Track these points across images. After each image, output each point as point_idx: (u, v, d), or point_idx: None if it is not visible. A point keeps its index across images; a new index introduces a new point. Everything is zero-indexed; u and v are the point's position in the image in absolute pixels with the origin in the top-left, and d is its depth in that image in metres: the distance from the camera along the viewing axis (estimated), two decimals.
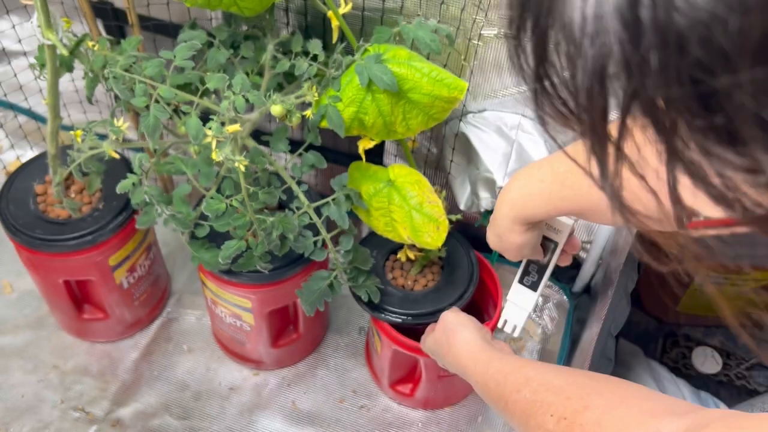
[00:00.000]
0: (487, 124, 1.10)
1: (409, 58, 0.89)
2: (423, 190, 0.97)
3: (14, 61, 1.34)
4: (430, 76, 0.88)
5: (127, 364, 1.30)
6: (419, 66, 0.88)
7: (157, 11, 1.17)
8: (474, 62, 1.04)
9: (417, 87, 0.89)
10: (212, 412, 1.25)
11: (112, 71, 0.92)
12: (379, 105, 0.90)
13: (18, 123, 1.45)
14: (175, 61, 0.92)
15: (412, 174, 0.99)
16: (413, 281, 1.14)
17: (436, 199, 0.98)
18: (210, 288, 1.16)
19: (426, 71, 0.88)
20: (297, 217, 0.98)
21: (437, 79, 0.89)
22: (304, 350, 1.32)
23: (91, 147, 0.99)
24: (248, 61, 1.02)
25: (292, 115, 0.87)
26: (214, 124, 0.85)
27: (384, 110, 0.90)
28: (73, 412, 1.23)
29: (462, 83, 0.89)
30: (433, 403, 1.27)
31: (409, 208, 0.97)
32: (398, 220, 0.98)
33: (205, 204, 0.97)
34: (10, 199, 1.14)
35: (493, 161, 1.13)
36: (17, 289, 1.37)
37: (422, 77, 0.88)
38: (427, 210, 0.97)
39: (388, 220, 1.00)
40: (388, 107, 0.90)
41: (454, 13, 1.01)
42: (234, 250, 0.99)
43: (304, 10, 1.05)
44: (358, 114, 0.91)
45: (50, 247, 1.11)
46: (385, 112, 0.90)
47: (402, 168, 1.00)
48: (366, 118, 0.92)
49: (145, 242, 1.24)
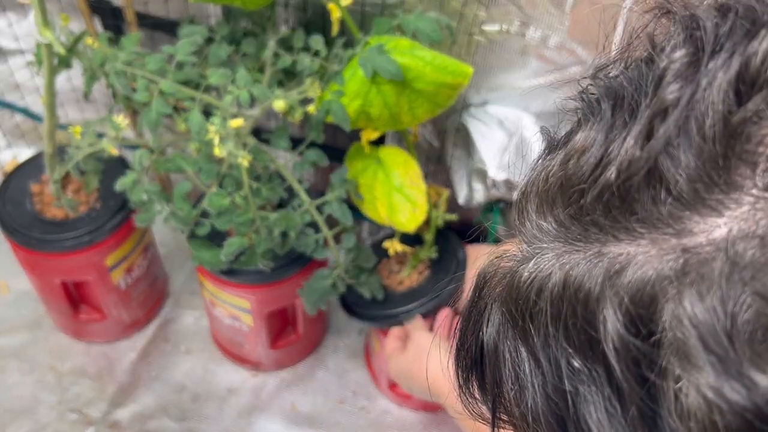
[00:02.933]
0: (489, 117, 1.09)
1: (411, 47, 0.88)
2: (408, 171, 0.98)
3: (11, 60, 1.33)
4: (434, 63, 0.87)
5: (125, 365, 1.29)
6: (422, 54, 0.88)
7: (154, 8, 1.16)
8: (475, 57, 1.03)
9: (421, 76, 0.88)
10: (210, 413, 1.24)
11: (114, 66, 0.91)
12: (384, 96, 0.89)
13: (15, 122, 1.43)
14: (177, 56, 0.91)
15: (401, 155, 1.00)
16: (398, 283, 1.12)
17: (420, 183, 0.98)
18: (208, 289, 1.15)
19: (429, 59, 0.87)
20: (299, 215, 0.97)
21: (441, 66, 0.88)
22: (304, 351, 1.31)
23: (90, 144, 0.98)
24: (248, 58, 1.01)
25: (295, 110, 0.87)
26: (217, 119, 0.84)
27: (390, 101, 0.90)
28: (70, 414, 1.22)
29: (466, 68, 0.88)
30: (433, 404, 1.25)
31: (390, 187, 0.98)
32: (379, 198, 0.99)
33: (207, 200, 0.95)
34: (7, 198, 1.13)
35: (488, 153, 1.11)
36: (14, 290, 1.36)
37: (425, 65, 0.87)
38: (408, 191, 0.97)
39: (370, 197, 1.00)
40: (394, 98, 0.89)
41: (455, 7, 1.00)
42: (236, 247, 0.98)
43: (303, 5, 1.05)
44: (364, 107, 0.91)
45: (47, 247, 1.10)
46: (391, 103, 0.90)
47: (393, 149, 1.01)
48: (372, 111, 0.91)
49: (142, 242, 1.23)
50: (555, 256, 0.30)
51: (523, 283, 0.30)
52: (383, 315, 1.08)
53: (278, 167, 0.97)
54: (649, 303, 0.26)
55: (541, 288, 0.29)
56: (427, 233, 1.08)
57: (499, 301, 0.31)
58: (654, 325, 0.26)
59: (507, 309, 0.31)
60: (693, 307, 0.25)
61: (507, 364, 0.31)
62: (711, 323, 0.24)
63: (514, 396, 0.31)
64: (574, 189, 0.30)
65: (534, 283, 0.30)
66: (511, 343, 0.30)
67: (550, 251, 0.30)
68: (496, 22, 1.00)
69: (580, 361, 0.28)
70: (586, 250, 0.29)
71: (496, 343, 0.31)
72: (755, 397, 0.23)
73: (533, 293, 0.29)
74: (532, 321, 0.29)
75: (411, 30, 0.91)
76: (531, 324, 0.29)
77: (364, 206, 1.02)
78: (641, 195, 0.27)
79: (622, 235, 0.28)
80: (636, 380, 0.26)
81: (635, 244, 0.27)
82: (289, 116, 0.88)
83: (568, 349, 0.28)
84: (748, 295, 0.24)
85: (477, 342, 0.33)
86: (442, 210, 1.07)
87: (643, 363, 0.26)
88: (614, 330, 0.26)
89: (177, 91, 0.90)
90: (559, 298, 0.28)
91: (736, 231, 0.25)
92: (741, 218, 0.25)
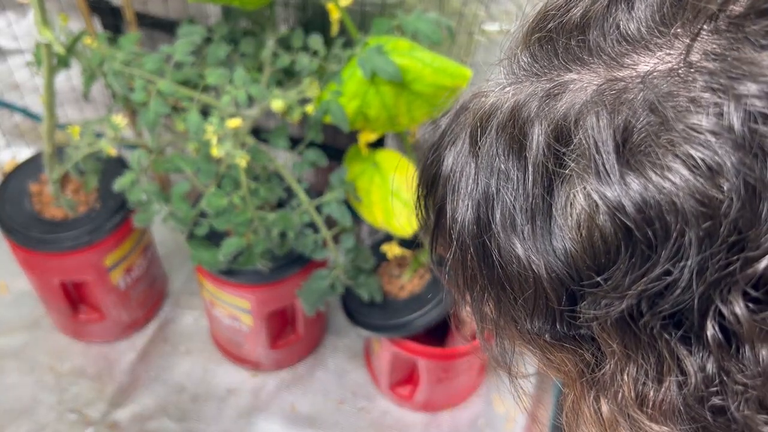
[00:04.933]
0: None
1: (411, 48, 0.88)
2: (404, 175, 0.98)
3: (10, 59, 1.33)
4: (433, 65, 0.87)
5: (124, 365, 1.29)
6: (421, 56, 0.87)
7: (154, 8, 1.16)
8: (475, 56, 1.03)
9: (420, 77, 0.88)
10: (210, 414, 1.24)
11: (111, 67, 0.90)
12: (382, 97, 0.89)
13: (14, 121, 1.43)
14: (175, 56, 0.91)
15: (398, 159, 1.00)
16: (400, 288, 1.12)
17: None
18: (208, 289, 1.15)
19: (428, 61, 0.87)
20: (298, 215, 0.97)
21: (440, 68, 0.88)
22: (303, 351, 1.31)
23: (89, 144, 0.98)
24: (247, 58, 1.01)
25: (293, 110, 0.86)
26: (215, 119, 0.84)
27: (388, 103, 0.89)
28: (69, 414, 1.22)
29: (465, 71, 0.88)
30: (433, 405, 1.25)
31: (387, 191, 0.98)
32: (375, 202, 0.99)
33: (205, 200, 0.95)
34: (6, 198, 1.13)
35: None
36: (13, 290, 1.36)
37: (424, 67, 0.87)
38: (405, 195, 0.97)
39: (367, 201, 1.00)
40: (392, 99, 0.89)
41: (455, 6, 1.00)
42: (234, 247, 0.97)
43: (303, 4, 1.04)
44: (362, 108, 0.90)
45: (46, 247, 1.10)
46: (389, 105, 0.89)
47: (389, 152, 1.01)
48: (370, 112, 0.91)
49: (141, 243, 1.22)
50: (516, 86, 0.35)
51: (487, 107, 0.35)
52: (386, 325, 1.08)
53: (277, 167, 0.97)
54: (574, 123, 0.30)
55: (497, 108, 0.34)
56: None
57: (469, 125, 0.36)
58: (570, 138, 0.30)
59: (470, 130, 0.35)
60: (599, 120, 0.29)
61: (455, 177, 0.35)
62: (609, 133, 0.29)
63: (451, 208, 0.36)
64: (548, 19, 0.35)
65: (494, 106, 0.35)
66: (464, 159, 0.35)
67: (513, 83, 0.35)
68: (496, 22, 1.00)
69: (505, 163, 0.33)
70: (544, 77, 0.33)
71: (453, 161, 0.36)
72: (627, 199, 0.28)
73: (493, 115, 0.34)
74: (484, 138, 0.34)
75: (411, 31, 0.91)
76: (482, 140, 0.34)
77: (361, 209, 1.02)
78: (595, 30, 0.32)
79: (574, 66, 0.32)
80: (542, 183, 0.31)
81: (578, 74, 0.32)
82: (288, 116, 0.87)
83: (501, 156, 0.33)
84: (644, 111, 0.28)
85: (440, 159, 0.37)
86: None
87: (551, 169, 0.31)
88: (540, 139, 0.31)
89: (175, 91, 0.89)
90: (505, 114, 0.33)
91: (660, 68, 0.29)
92: (667, 61, 0.29)
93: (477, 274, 0.36)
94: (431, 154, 0.39)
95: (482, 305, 0.37)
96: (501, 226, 0.33)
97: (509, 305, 0.35)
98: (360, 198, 1.00)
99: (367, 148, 1.01)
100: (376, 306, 1.08)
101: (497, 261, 0.34)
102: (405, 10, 1.00)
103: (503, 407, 1.26)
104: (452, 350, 1.11)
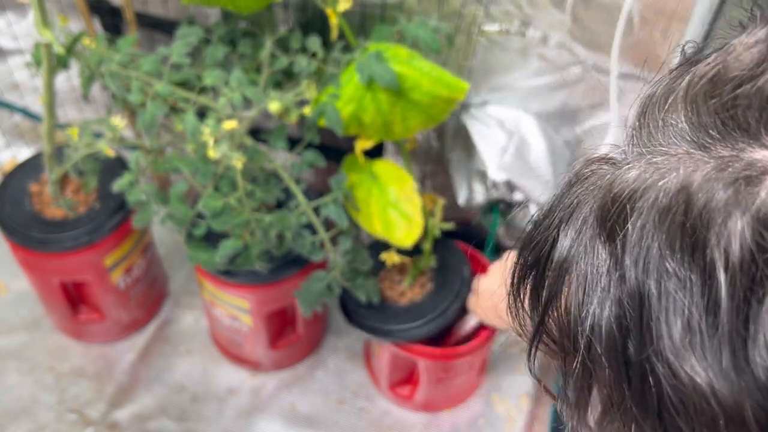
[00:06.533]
0: (489, 118, 1.09)
1: (410, 57, 0.88)
2: (403, 187, 0.97)
3: (10, 59, 1.33)
4: (431, 75, 0.87)
5: (124, 365, 1.29)
6: (420, 65, 0.87)
7: (154, 8, 1.16)
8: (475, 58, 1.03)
9: (417, 86, 0.87)
10: (210, 414, 1.24)
11: (109, 68, 0.90)
12: (378, 104, 0.89)
13: (14, 122, 1.43)
14: (172, 57, 0.91)
15: (396, 170, 0.99)
16: (400, 294, 1.12)
17: (415, 197, 0.97)
18: (208, 289, 1.15)
19: (426, 70, 0.87)
20: (295, 216, 0.97)
21: (437, 78, 0.87)
22: (303, 352, 1.31)
23: (88, 144, 0.98)
24: (246, 59, 1.01)
25: (290, 112, 0.86)
26: (211, 121, 0.84)
27: (383, 109, 0.89)
28: (69, 414, 1.22)
29: (462, 84, 0.88)
30: (433, 405, 1.25)
31: (386, 202, 0.98)
32: (374, 213, 0.99)
33: (202, 202, 0.95)
34: (6, 198, 1.13)
35: (488, 153, 1.11)
36: (13, 290, 1.36)
37: (422, 76, 0.87)
38: (403, 206, 0.97)
39: (366, 212, 1.00)
40: (388, 106, 0.89)
41: (454, 6, 0.99)
42: (231, 248, 0.97)
43: (303, 6, 1.04)
44: (357, 112, 0.90)
45: (46, 247, 1.10)
46: (385, 111, 0.89)
47: (387, 164, 1.00)
48: (365, 117, 0.90)
49: (141, 243, 1.22)
50: (673, 158, 0.28)
51: (625, 182, 0.28)
52: (382, 330, 1.08)
53: (276, 168, 0.97)
54: None
55: (648, 187, 0.27)
56: (425, 243, 1.07)
57: (591, 200, 0.29)
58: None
59: (598, 206, 0.29)
60: None
61: (577, 265, 0.29)
62: None
63: (574, 304, 0.29)
64: (728, 80, 0.27)
65: (638, 182, 0.28)
66: (590, 243, 0.28)
67: (666, 153, 0.28)
68: (496, 22, 1.00)
69: (675, 264, 0.25)
70: (718, 152, 0.26)
71: (571, 243, 0.29)
72: None
73: (637, 193, 0.27)
74: (624, 221, 0.27)
75: (411, 37, 0.90)
76: (622, 224, 0.27)
77: (360, 219, 1.02)
78: None
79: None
80: (741, 297, 0.24)
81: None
82: (285, 118, 0.87)
83: (664, 250, 0.26)
84: None
85: (549, 240, 0.31)
86: (438, 218, 1.06)
87: (756, 282, 0.24)
88: (739, 240, 0.24)
89: (172, 93, 0.89)
90: (670, 197, 0.26)
91: None
92: None
93: (613, 392, 0.28)
94: (539, 232, 0.32)
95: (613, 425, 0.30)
96: (668, 340, 0.26)
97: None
98: (359, 207, 1.00)
99: (364, 156, 1.01)
100: (375, 309, 1.08)
101: (653, 380, 0.26)
102: (405, 11, 1.00)
103: (503, 407, 1.26)
104: (452, 350, 1.11)
